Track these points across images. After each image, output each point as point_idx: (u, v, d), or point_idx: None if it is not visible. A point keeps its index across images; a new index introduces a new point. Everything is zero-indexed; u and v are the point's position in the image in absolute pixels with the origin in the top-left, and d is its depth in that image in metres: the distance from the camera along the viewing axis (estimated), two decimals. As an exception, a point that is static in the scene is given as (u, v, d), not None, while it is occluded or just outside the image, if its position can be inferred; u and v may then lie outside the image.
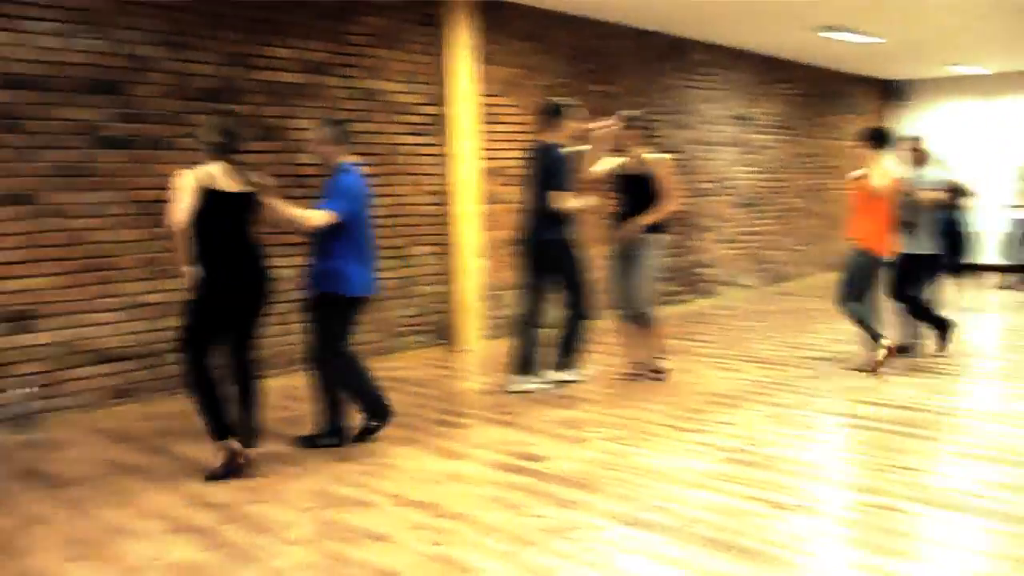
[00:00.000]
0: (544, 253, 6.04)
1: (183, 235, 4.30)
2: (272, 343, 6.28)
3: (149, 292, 5.82)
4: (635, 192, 6.21)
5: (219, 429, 4.38)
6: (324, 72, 6.75)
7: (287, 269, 5.78)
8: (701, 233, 10.51)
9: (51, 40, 5.36)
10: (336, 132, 4.93)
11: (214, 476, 4.37)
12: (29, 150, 5.31)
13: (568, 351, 6.27)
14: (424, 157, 7.49)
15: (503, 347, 7.79)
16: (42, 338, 5.40)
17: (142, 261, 5.79)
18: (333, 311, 4.85)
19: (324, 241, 4.77)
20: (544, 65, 8.39)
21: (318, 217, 4.67)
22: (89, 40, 5.51)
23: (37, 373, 5.37)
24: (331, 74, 6.80)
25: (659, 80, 9.82)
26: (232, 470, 4.39)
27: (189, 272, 4.39)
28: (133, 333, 5.76)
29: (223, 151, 4.42)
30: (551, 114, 6.06)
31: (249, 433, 4.55)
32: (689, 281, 10.30)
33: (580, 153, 6.12)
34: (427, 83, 7.46)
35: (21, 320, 5.31)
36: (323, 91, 6.75)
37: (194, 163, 4.39)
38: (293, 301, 5.87)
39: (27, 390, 5.24)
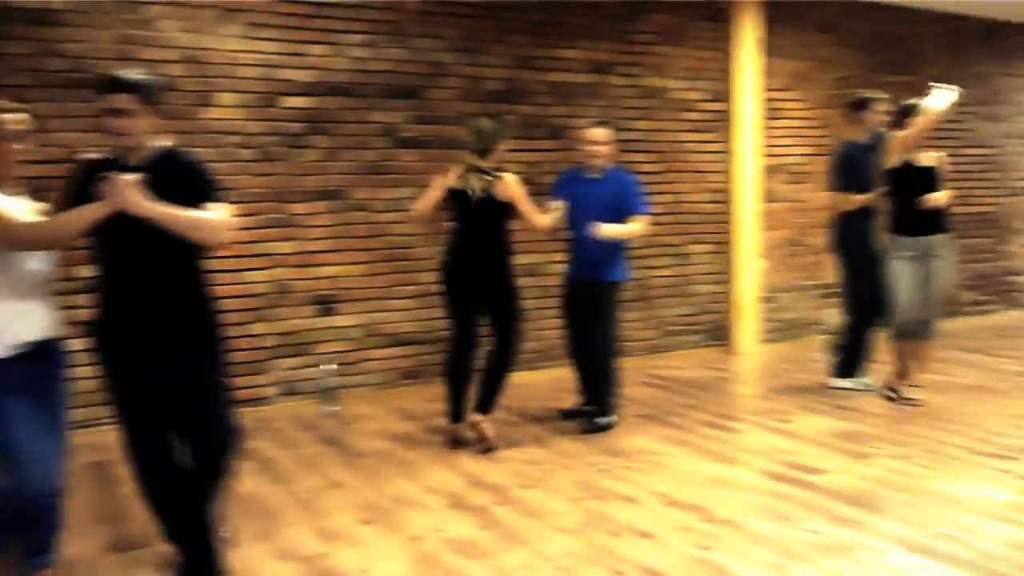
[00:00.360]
0: (844, 252, 5.88)
1: (422, 225, 5.01)
2: (544, 336, 6.48)
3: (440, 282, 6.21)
4: (915, 190, 5.39)
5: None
6: (608, 71, 6.84)
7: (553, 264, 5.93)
8: (1013, 237, 9.43)
9: (360, 51, 5.90)
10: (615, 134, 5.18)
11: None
12: (338, 151, 5.88)
13: (853, 358, 5.91)
14: (705, 154, 7.37)
15: (781, 351, 7.50)
16: (344, 320, 5.97)
17: (435, 253, 6.19)
18: (617, 297, 5.20)
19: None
20: (836, 56, 7.92)
21: (640, 225, 5.15)
22: (393, 49, 6.00)
23: (339, 352, 5.95)
24: (615, 73, 6.88)
25: (968, 68, 8.92)
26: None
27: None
28: (424, 320, 6.20)
29: (472, 150, 4.77)
30: (856, 108, 5.74)
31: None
32: (998, 290, 9.28)
33: (885, 148, 5.62)
34: (711, 79, 7.32)
35: (328, 303, 5.90)
36: (607, 90, 6.84)
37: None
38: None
39: (330, 366, 5.80)
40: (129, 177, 2.81)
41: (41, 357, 3.03)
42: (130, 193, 2.77)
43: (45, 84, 5.03)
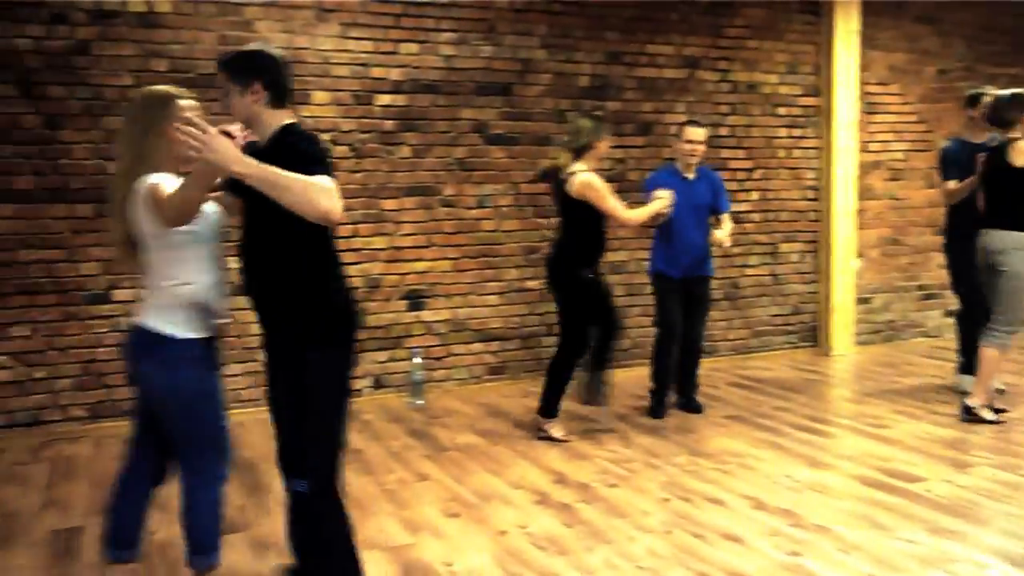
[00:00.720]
0: (950, 251, 5.73)
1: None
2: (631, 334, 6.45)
3: (528, 279, 6.25)
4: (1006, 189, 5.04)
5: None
6: (700, 67, 6.74)
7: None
8: None
9: (451, 48, 5.95)
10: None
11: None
12: (428, 147, 5.95)
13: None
14: (799, 150, 7.19)
15: (876, 354, 7.27)
16: (432, 315, 6.04)
17: (523, 249, 6.23)
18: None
19: (704, 227, 5.27)
20: (938, 49, 7.63)
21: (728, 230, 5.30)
22: (483, 46, 6.04)
23: (427, 346, 6.02)
24: (706, 68, 6.77)
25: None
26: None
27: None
28: (511, 316, 6.23)
29: (567, 148, 4.80)
30: (969, 104, 5.57)
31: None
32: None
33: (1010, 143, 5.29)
34: (806, 73, 7.14)
35: (417, 298, 5.98)
36: (698, 86, 6.74)
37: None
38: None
39: (418, 360, 5.88)
40: (219, 128, 2.67)
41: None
42: (216, 143, 2.52)
43: (150, 84, 5.22)
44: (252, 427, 5.34)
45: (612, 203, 4.73)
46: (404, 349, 5.97)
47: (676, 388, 5.51)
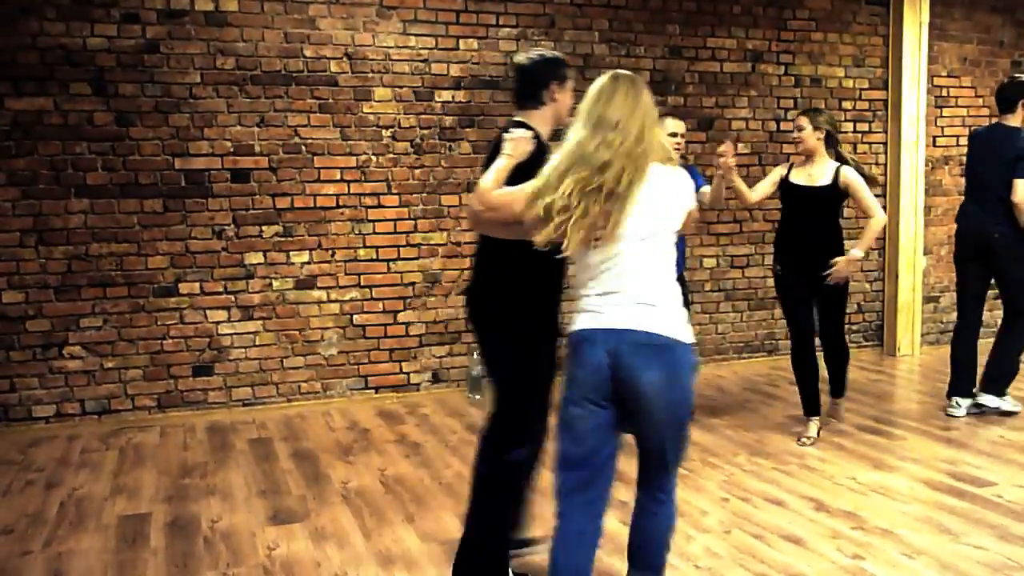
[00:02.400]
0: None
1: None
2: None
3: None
4: None
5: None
6: (762, 60, 6.64)
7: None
8: None
9: (511, 44, 5.95)
10: None
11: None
12: (489, 143, 5.94)
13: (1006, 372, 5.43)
14: (865, 145, 7.04)
15: (944, 355, 7.06)
16: (492, 311, 6.05)
17: (579, 246, 6.20)
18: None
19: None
20: (1014, 39, 7.39)
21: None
22: (544, 41, 6.02)
23: (487, 342, 6.04)
24: (769, 61, 6.67)
25: None
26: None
27: None
28: (566, 313, 6.19)
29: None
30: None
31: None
32: None
33: None
34: (872, 66, 6.98)
35: (476, 294, 6.00)
36: (761, 80, 6.64)
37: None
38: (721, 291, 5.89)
39: (477, 355, 5.89)
40: (521, 132, 2.86)
41: None
42: (521, 144, 2.78)
43: (216, 82, 5.35)
44: (313, 419, 5.42)
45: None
46: (463, 344, 6.00)
47: None
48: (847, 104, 6.94)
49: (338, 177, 5.65)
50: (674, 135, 4.79)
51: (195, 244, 5.40)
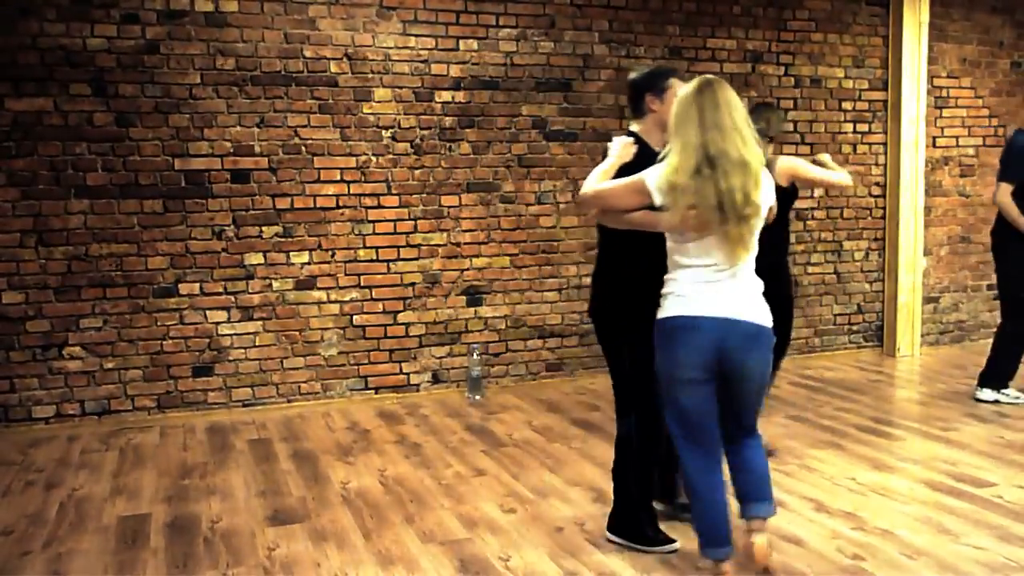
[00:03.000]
0: (1002, 252, 5.45)
1: None
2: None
3: (586, 275, 6.22)
4: None
5: None
6: (762, 61, 6.64)
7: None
8: None
9: (511, 44, 5.96)
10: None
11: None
12: (489, 143, 5.96)
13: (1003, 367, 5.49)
14: (865, 146, 7.04)
15: (945, 355, 7.09)
16: (491, 311, 6.06)
17: (581, 246, 6.21)
18: None
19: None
20: (1014, 40, 7.39)
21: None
22: (544, 42, 6.03)
23: (486, 342, 6.05)
24: (770, 62, 6.67)
25: None
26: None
27: None
28: (570, 312, 6.21)
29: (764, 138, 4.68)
30: None
31: None
32: None
33: None
34: (872, 67, 6.98)
35: (476, 294, 6.01)
36: (761, 80, 6.65)
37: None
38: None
39: (477, 356, 5.90)
40: (624, 139, 3.27)
41: None
42: (622, 149, 3.21)
43: (216, 82, 5.35)
44: (312, 420, 5.42)
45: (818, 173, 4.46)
46: (462, 344, 6.00)
47: None
48: (847, 105, 6.94)
49: (338, 178, 5.65)
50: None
51: (195, 245, 5.40)
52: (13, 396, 5.15)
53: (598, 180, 3.11)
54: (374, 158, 5.71)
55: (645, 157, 3.17)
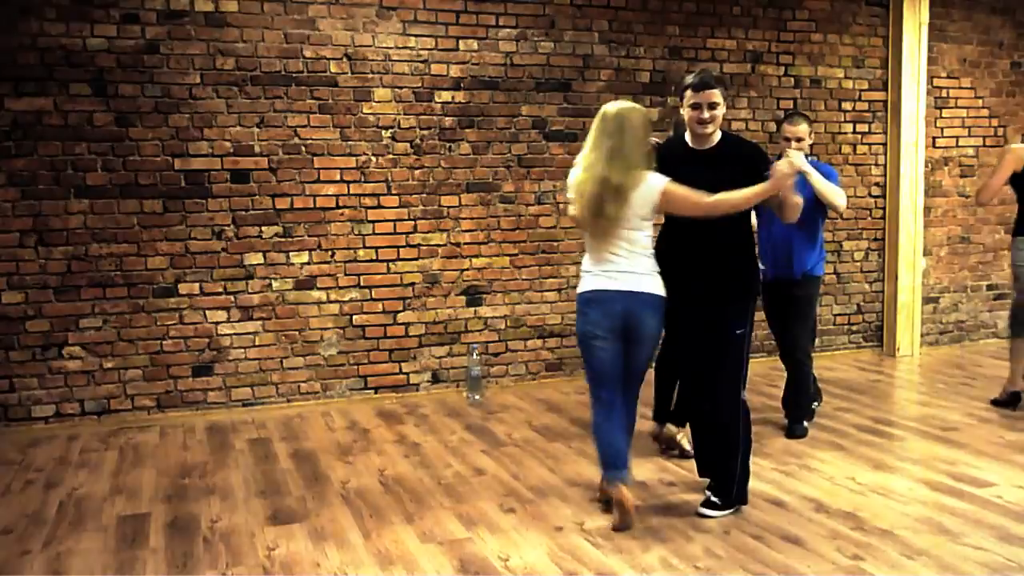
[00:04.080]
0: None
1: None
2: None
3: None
4: None
5: None
6: (762, 61, 6.64)
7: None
8: None
9: (510, 44, 5.96)
10: None
11: None
12: (488, 144, 5.96)
13: None
14: (864, 146, 7.04)
15: (944, 355, 7.09)
16: (491, 311, 6.06)
17: (581, 247, 6.20)
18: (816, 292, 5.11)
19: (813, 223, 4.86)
20: (1013, 40, 7.39)
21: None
22: (543, 42, 6.03)
23: (485, 342, 6.05)
24: (769, 62, 6.67)
25: None
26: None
27: None
28: (569, 312, 6.21)
29: None
30: None
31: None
32: None
33: None
34: (872, 67, 6.98)
35: (476, 294, 6.01)
36: (761, 80, 6.65)
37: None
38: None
39: (476, 356, 5.90)
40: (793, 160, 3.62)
41: None
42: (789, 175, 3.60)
43: (216, 82, 5.35)
44: (312, 419, 5.42)
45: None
46: (462, 344, 6.00)
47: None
48: (847, 105, 6.94)
49: (338, 178, 5.65)
50: (798, 139, 4.75)
51: (195, 244, 5.40)
52: (13, 396, 5.15)
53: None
54: (374, 158, 5.72)
55: (684, 155, 3.79)
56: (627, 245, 3.59)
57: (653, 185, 3.53)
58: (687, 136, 3.79)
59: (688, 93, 3.67)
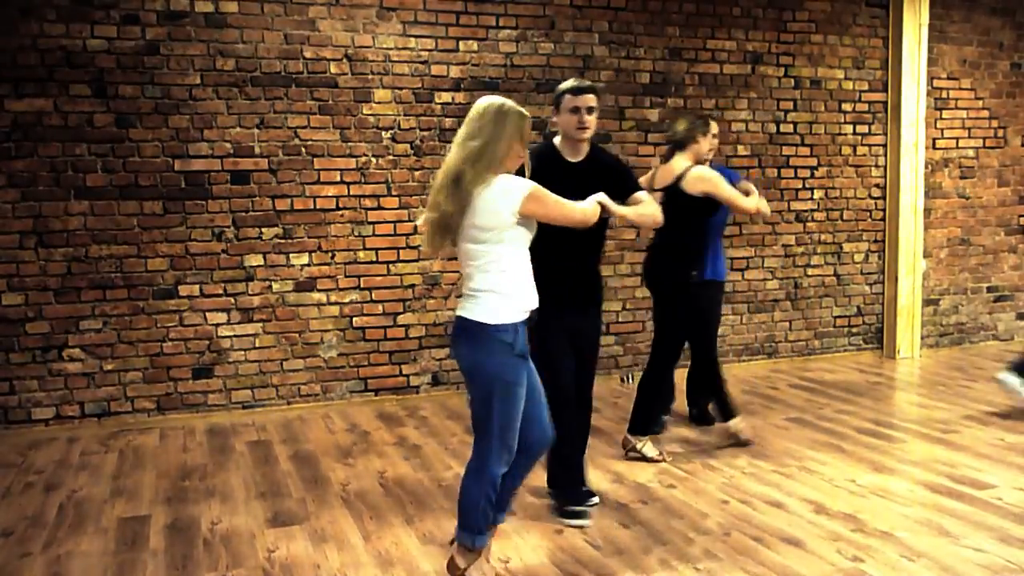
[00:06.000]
0: None
1: None
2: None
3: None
4: None
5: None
6: (762, 62, 6.64)
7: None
8: None
9: (511, 45, 5.96)
10: None
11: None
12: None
13: None
14: (864, 147, 7.04)
15: (945, 357, 7.09)
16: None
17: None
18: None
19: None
20: (1013, 42, 7.40)
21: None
22: (543, 43, 6.03)
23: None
24: (769, 63, 6.67)
25: None
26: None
27: None
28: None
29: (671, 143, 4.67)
30: None
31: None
32: None
33: None
34: (872, 68, 6.98)
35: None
36: (761, 81, 6.64)
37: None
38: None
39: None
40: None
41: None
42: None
43: (216, 83, 5.35)
44: (312, 421, 5.42)
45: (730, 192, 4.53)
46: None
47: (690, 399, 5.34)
48: (847, 106, 6.94)
49: (338, 179, 5.65)
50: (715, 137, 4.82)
51: (195, 246, 5.40)
52: (13, 398, 5.15)
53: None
54: (374, 159, 5.71)
55: (557, 166, 3.65)
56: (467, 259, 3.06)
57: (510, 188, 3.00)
58: (558, 144, 3.77)
59: (567, 97, 3.67)
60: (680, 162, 4.51)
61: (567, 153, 3.73)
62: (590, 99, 3.65)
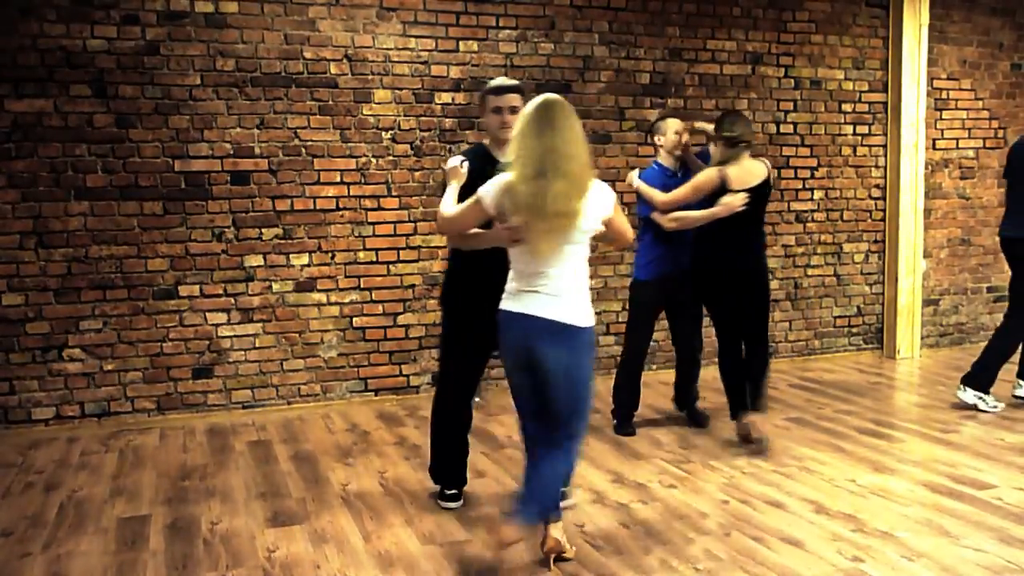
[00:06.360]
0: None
1: None
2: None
3: (591, 276, 6.19)
4: None
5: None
6: (762, 62, 6.65)
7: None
8: None
9: (511, 46, 5.96)
10: None
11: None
12: (490, 145, 5.95)
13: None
14: (864, 148, 7.04)
15: (945, 357, 7.09)
16: (492, 313, 6.05)
17: (579, 248, 6.20)
18: None
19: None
20: (1013, 42, 7.40)
21: None
22: (543, 43, 6.03)
23: (486, 344, 6.03)
24: (769, 64, 6.67)
25: None
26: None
27: None
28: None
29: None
30: None
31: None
32: None
33: None
34: (872, 69, 6.98)
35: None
36: (761, 82, 6.65)
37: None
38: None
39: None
40: None
41: None
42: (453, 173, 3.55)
43: (216, 84, 5.35)
44: (312, 421, 5.42)
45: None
46: (462, 346, 5.99)
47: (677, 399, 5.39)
48: (847, 107, 6.95)
49: (338, 179, 5.65)
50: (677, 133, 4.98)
51: (195, 246, 5.40)
52: (13, 398, 5.15)
53: (449, 205, 3.32)
54: (374, 160, 5.71)
55: (492, 166, 3.39)
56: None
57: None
58: (488, 144, 3.81)
59: (490, 98, 3.68)
60: (754, 162, 4.64)
61: (497, 153, 3.68)
62: (513, 99, 3.64)
